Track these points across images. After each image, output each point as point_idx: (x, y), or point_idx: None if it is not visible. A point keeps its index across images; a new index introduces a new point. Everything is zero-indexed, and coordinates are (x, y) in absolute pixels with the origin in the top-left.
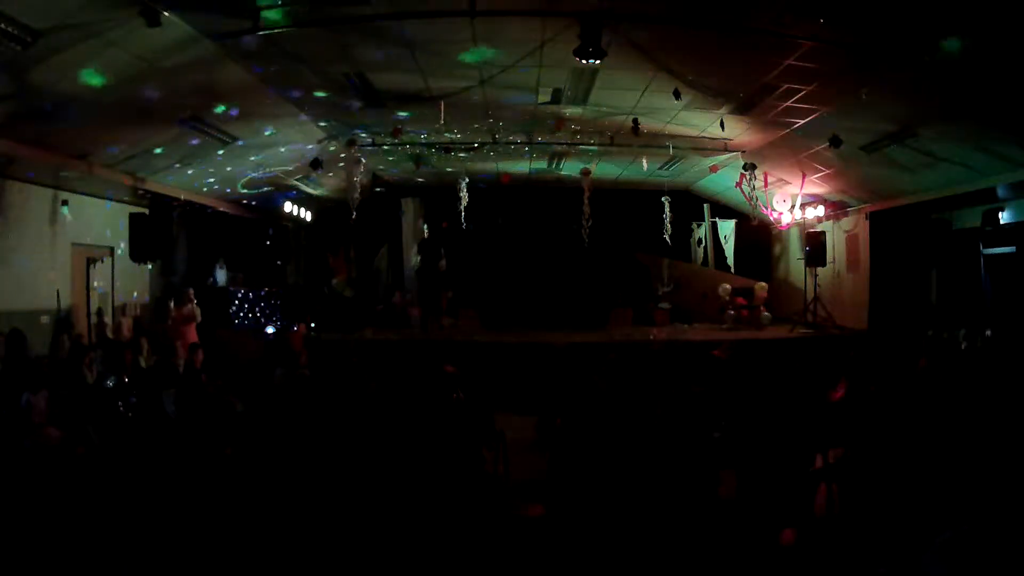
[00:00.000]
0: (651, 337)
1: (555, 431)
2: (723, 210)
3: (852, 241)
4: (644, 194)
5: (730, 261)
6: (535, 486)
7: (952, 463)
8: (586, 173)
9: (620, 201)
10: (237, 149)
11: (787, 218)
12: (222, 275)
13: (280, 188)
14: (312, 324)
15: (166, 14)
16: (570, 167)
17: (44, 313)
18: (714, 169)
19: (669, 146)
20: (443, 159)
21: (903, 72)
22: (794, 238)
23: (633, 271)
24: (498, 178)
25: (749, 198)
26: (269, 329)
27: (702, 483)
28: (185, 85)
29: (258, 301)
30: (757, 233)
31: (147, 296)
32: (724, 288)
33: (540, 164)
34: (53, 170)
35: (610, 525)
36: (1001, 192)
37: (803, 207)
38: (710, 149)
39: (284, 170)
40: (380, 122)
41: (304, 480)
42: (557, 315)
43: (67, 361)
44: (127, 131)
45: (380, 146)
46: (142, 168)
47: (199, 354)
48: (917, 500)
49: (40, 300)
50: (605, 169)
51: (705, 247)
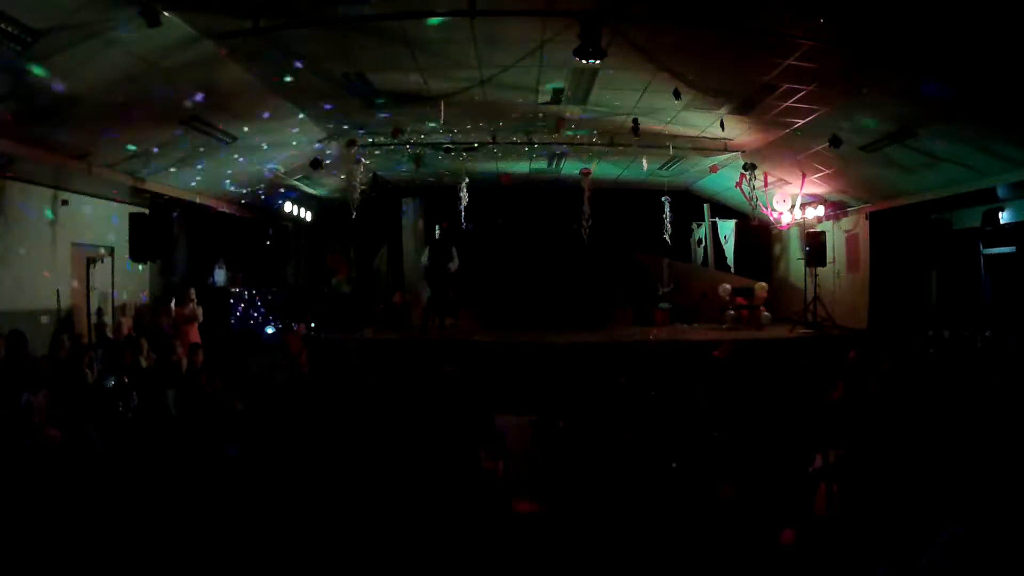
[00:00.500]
0: (651, 337)
1: (555, 431)
2: (723, 210)
3: (852, 241)
4: (644, 194)
5: (730, 261)
6: (534, 485)
7: (952, 463)
8: (586, 173)
9: (620, 201)
10: (237, 149)
11: (787, 218)
12: (222, 275)
13: (280, 188)
14: (312, 324)
15: (166, 14)
16: (570, 167)
17: (44, 313)
18: (714, 169)
19: (669, 146)
20: (443, 159)
21: (903, 72)
22: (794, 238)
23: (633, 271)
24: (498, 178)
25: (749, 198)
26: (269, 329)
27: (702, 483)
28: (185, 85)
29: (258, 301)
30: (757, 233)
31: (147, 296)
32: (724, 288)
33: (540, 164)
34: (53, 170)
35: (610, 525)
36: (1001, 192)
37: (803, 207)
38: (710, 149)
39: (284, 170)
40: (380, 122)
41: (304, 479)
42: (557, 315)
43: (67, 361)
44: (127, 131)
45: (380, 146)
46: (142, 168)
47: (200, 354)
48: (917, 500)
49: (40, 300)
50: (605, 169)
51: (705, 247)
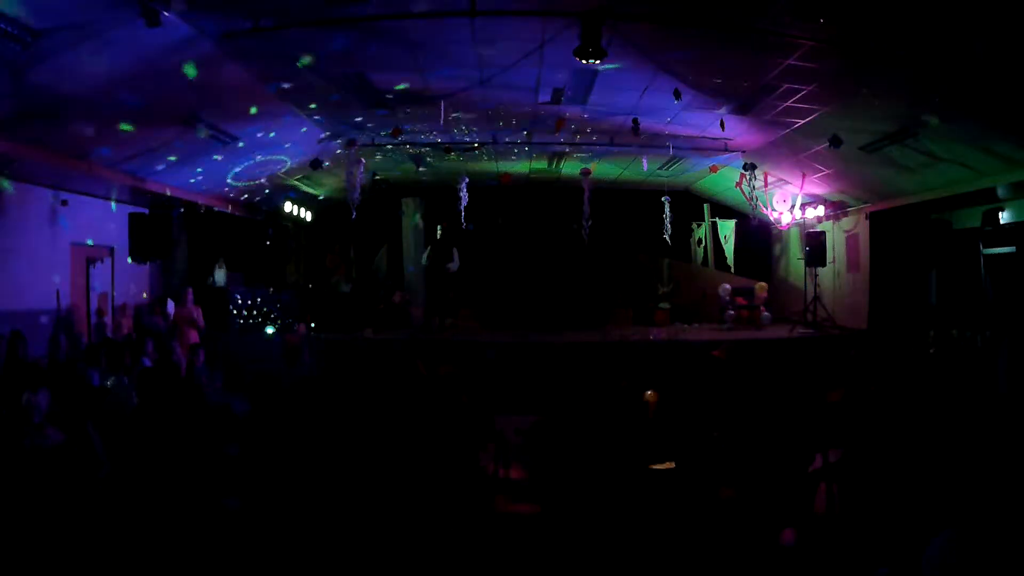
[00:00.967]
0: (650, 337)
1: (555, 432)
2: (723, 210)
3: (852, 241)
4: (644, 194)
5: (730, 261)
6: (534, 485)
7: (952, 463)
8: (586, 173)
9: (620, 201)
10: (237, 149)
11: (787, 218)
12: (222, 275)
13: (280, 188)
14: (312, 324)
15: (166, 14)
16: (570, 167)
17: (44, 313)
18: (714, 169)
19: (669, 146)
20: (443, 159)
21: (903, 72)
22: (794, 238)
23: (633, 271)
24: (498, 178)
25: (749, 198)
26: (269, 329)
27: (702, 483)
28: (185, 85)
29: (258, 301)
30: (757, 233)
31: (147, 296)
32: (724, 288)
33: (540, 164)
34: (53, 170)
35: (610, 525)
36: (1001, 192)
37: (803, 207)
38: (710, 149)
39: (284, 170)
40: (380, 122)
41: (304, 479)
42: (557, 315)
43: (67, 361)
44: (127, 131)
45: (380, 146)
46: (142, 168)
47: (200, 354)
48: (917, 500)
49: (40, 300)
50: (605, 169)
51: (705, 247)
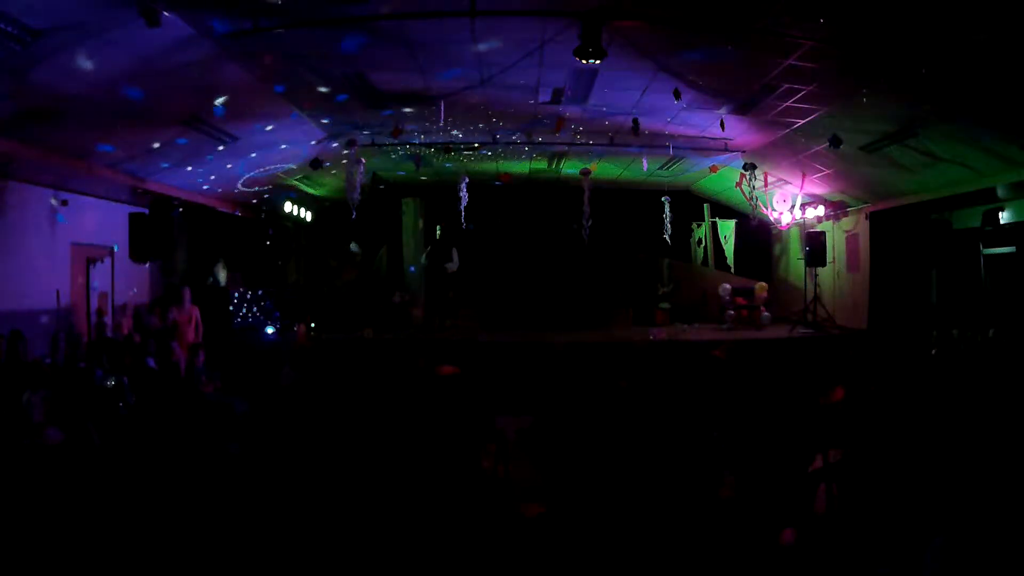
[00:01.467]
0: (650, 337)
1: (556, 432)
2: (723, 210)
3: (852, 241)
4: (644, 194)
5: (730, 261)
6: (536, 486)
7: (952, 464)
8: (586, 173)
9: (620, 201)
10: (237, 149)
11: (787, 218)
12: (222, 275)
13: (280, 188)
14: (312, 324)
15: (166, 14)
16: (570, 167)
17: (44, 313)
18: (714, 169)
19: (669, 146)
20: (443, 159)
21: (903, 72)
22: (794, 238)
23: (633, 271)
24: (498, 178)
25: (749, 198)
26: (269, 329)
27: (702, 483)
28: (185, 85)
29: (258, 301)
30: (757, 233)
31: (147, 296)
32: (724, 288)
33: (540, 164)
34: (53, 170)
35: (610, 525)
36: (1001, 192)
37: (803, 207)
38: (710, 149)
39: (284, 170)
40: (380, 122)
41: (303, 479)
42: (557, 315)
43: (66, 361)
44: (127, 131)
45: (380, 146)
46: (142, 168)
47: (200, 354)
48: (917, 501)
49: (40, 300)
50: (605, 169)
51: (705, 247)
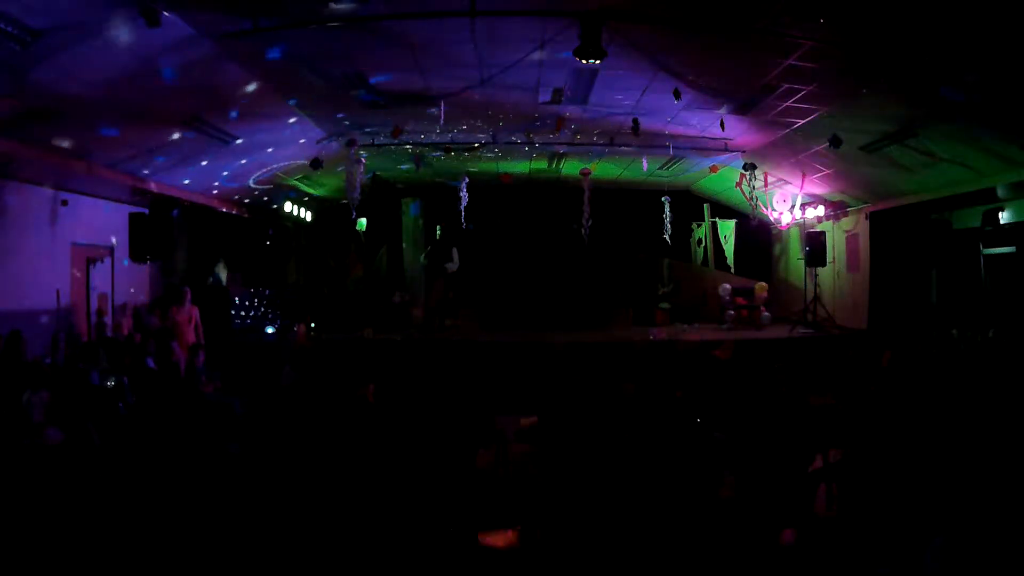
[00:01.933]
0: (650, 337)
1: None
2: (723, 210)
3: (852, 241)
4: (644, 194)
5: (730, 261)
6: (534, 485)
7: (952, 464)
8: (586, 173)
9: (620, 201)
10: (237, 149)
11: (787, 218)
12: (222, 275)
13: (280, 188)
14: (312, 324)
15: (166, 14)
16: (570, 167)
17: (44, 313)
18: (714, 169)
19: (669, 146)
20: (443, 159)
21: (903, 72)
22: (794, 238)
23: (633, 271)
24: (498, 178)
25: (749, 198)
26: (269, 329)
27: (703, 483)
28: (185, 85)
29: (258, 301)
30: (757, 233)
31: (147, 296)
32: (724, 288)
33: (540, 164)
34: (53, 170)
35: (610, 524)
36: (1001, 192)
37: (803, 207)
38: (710, 149)
39: (284, 170)
40: (380, 122)
41: (303, 478)
42: (557, 315)
43: (67, 361)
44: (127, 131)
45: (380, 146)
46: (142, 168)
47: (200, 354)
48: (917, 501)
49: (40, 300)
50: (605, 169)
51: (705, 247)
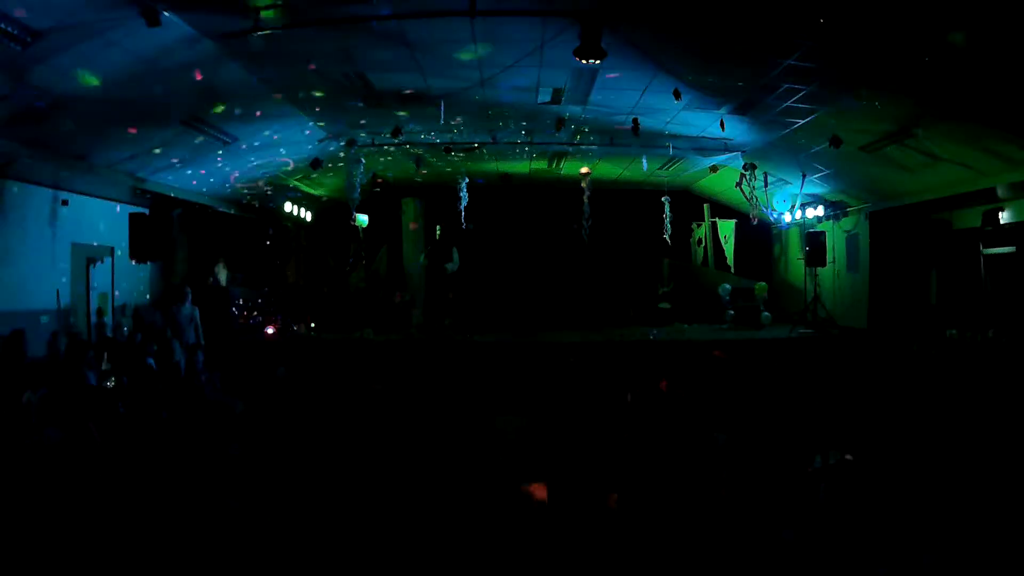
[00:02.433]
0: (650, 337)
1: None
2: (723, 210)
3: (852, 241)
4: (644, 194)
5: (730, 261)
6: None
7: (952, 463)
8: (586, 173)
9: (620, 201)
10: (237, 149)
11: (787, 218)
12: (222, 275)
13: (280, 188)
14: (312, 324)
15: (166, 14)
16: (570, 167)
17: (44, 313)
18: (714, 169)
19: (669, 146)
20: (443, 159)
21: (903, 72)
22: (794, 238)
23: (633, 271)
24: (498, 178)
25: (749, 198)
26: (269, 329)
27: (703, 483)
28: (185, 85)
29: (258, 301)
30: (757, 233)
31: (147, 296)
32: (724, 288)
33: (540, 164)
34: (53, 170)
35: (610, 524)
36: (1001, 192)
37: (803, 207)
38: (710, 149)
39: (284, 170)
40: (380, 122)
41: (303, 478)
42: (557, 315)
43: (66, 361)
44: (127, 131)
45: (380, 146)
46: (142, 168)
47: (200, 354)
48: (917, 500)
49: (40, 300)
50: (605, 169)
51: (705, 247)
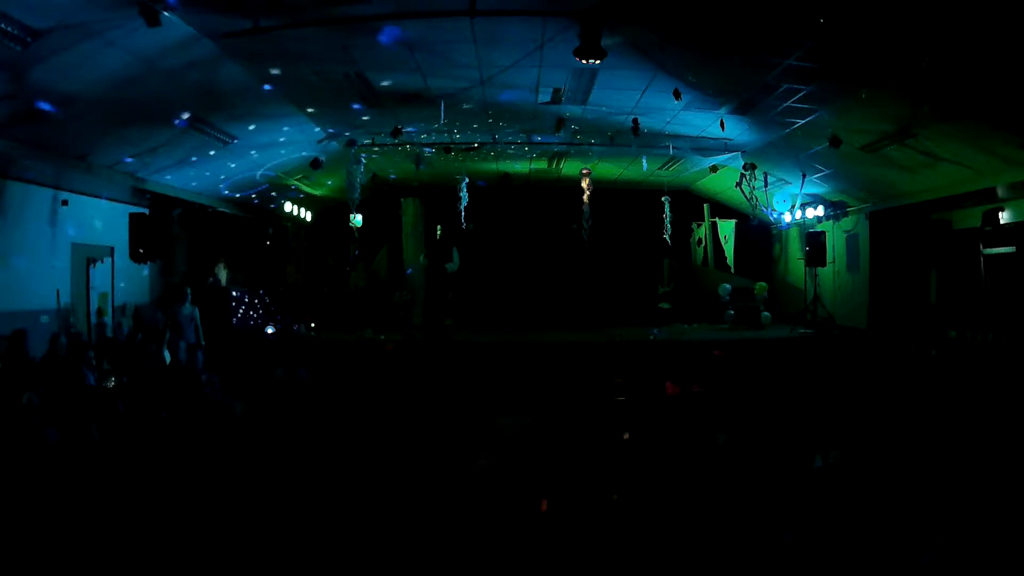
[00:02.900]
0: (650, 337)
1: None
2: (723, 210)
3: (852, 241)
4: (644, 194)
5: (730, 261)
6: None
7: (952, 463)
8: (586, 173)
9: (620, 201)
10: (237, 149)
11: (787, 218)
12: (222, 275)
13: (280, 188)
14: (312, 324)
15: (166, 14)
16: (570, 167)
17: (44, 313)
18: (714, 169)
19: (669, 146)
20: (443, 159)
21: (903, 72)
22: (794, 238)
23: (633, 271)
24: (498, 178)
25: (749, 198)
26: (269, 329)
27: (702, 483)
28: (185, 85)
29: (258, 301)
30: (757, 233)
31: (147, 296)
32: (724, 288)
33: (540, 164)
34: (53, 170)
35: (610, 524)
36: (1001, 192)
37: (803, 207)
38: (710, 149)
39: (284, 170)
40: (380, 122)
41: (302, 478)
42: (557, 315)
43: (66, 361)
44: (127, 131)
45: (380, 146)
46: (142, 168)
47: (200, 354)
48: (917, 500)
49: (40, 300)
50: (605, 169)
51: (705, 247)
